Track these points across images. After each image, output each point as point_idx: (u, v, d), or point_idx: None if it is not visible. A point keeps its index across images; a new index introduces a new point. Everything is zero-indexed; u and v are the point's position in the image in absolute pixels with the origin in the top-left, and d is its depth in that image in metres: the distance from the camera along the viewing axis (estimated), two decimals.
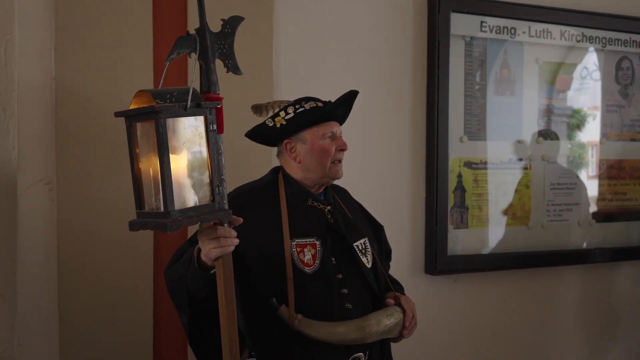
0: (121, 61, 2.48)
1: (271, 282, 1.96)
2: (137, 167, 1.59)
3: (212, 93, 1.66)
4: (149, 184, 1.57)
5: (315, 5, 2.84)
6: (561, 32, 3.31)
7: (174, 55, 1.62)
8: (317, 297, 1.98)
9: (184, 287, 1.85)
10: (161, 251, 2.57)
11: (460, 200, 3.13)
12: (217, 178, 1.63)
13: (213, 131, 1.61)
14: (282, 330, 1.94)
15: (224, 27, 1.73)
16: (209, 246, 1.69)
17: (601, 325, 3.53)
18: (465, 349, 3.20)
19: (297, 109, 2.07)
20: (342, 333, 1.95)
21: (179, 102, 1.54)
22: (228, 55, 1.71)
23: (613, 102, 3.51)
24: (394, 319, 2.05)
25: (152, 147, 1.55)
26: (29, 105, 2.40)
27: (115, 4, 2.48)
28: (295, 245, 1.99)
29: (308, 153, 2.07)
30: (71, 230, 2.44)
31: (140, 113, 1.56)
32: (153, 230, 1.55)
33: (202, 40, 1.66)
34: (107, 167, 2.47)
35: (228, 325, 1.71)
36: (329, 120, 2.09)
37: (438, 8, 2.99)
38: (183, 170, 1.58)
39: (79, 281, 2.45)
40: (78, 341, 2.45)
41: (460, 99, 3.11)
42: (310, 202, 2.09)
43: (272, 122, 2.09)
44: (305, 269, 1.98)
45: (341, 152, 2.09)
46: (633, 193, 3.56)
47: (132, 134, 1.60)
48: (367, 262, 2.11)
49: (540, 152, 3.31)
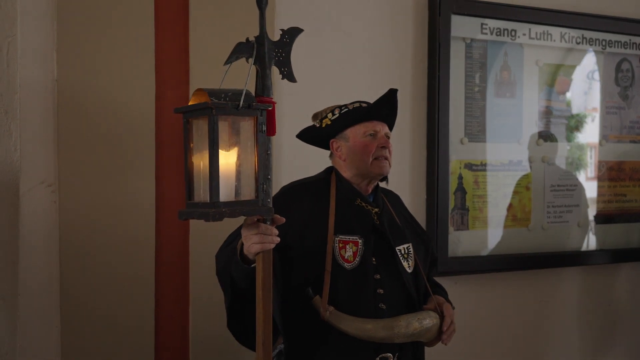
0: (123, 63, 2.49)
1: (310, 273, 2.03)
2: (190, 160, 1.71)
3: (265, 96, 1.75)
4: (199, 176, 1.69)
5: (316, 8, 2.85)
6: (561, 34, 3.32)
7: (232, 59, 1.72)
8: (352, 293, 2.04)
9: (228, 273, 1.93)
10: (162, 253, 2.58)
11: (461, 202, 3.14)
12: (263, 177, 1.72)
13: (262, 132, 1.71)
14: (314, 321, 1.99)
15: (282, 36, 1.82)
16: (250, 241, 1.76)
17: (601, 326, 3.54)
18: (465, 351, 3.20)
19: (342, 110, 2.17)
20: (369, 330, 1.99)
21: (232, 101, 1.65)
22: (284, 63, 1.82)
23: (613, 104, 3.52)
24: (425, 323, 2.06)
25: (204, 142, 1.65)
26: (31, 107, 2.40)
27: (117, 6, 2.48)
28: (338, 241, 2.06)
29: (350, 150, 2.14)
30: (73, 232, 2.44)
31: (196, 109, 1.66)
32: (197, 219, 1.65)
33: (260, 47, 1.75)
34: (109, 169, 2.48)
35: (263, 319, 1.78)
36: (370, 119, 2.13)
37: (439, 10, 3.00)
38: (232, 166, 1.68)
39: (80, 283, 2.45)
40: (80, 343, 2.45)
41: (461, 101, 3.12)
42: (359, 202, 2.14)
43: (319, 124, 2.19)
44: (344, 265, 2.05)
45: (384, 149, 2.12)
46: (633, 195, 3.58)
47: (188, 129, 1.71)
48: (408, 267, 2.15)
49: (540, 153, 3.32)
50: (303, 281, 2.01)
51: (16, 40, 2.37)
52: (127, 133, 2.49)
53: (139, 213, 2.51)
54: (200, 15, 2.59)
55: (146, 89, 2.52)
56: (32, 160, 2.41)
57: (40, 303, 2.43)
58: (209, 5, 2.60)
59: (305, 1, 2.83)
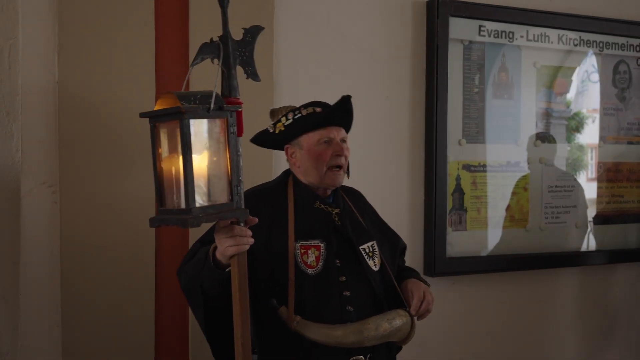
0: (124, 65, 2.50)
1: (274, 283, 1.98)
2: (159, 166, 1.67)
3: (232, 97, 1.72)
4: (171, 182, 1.65)
5: (315, 10, 2.86)
6: (559, 36, 3.34)
7: (198, 61, 1.69)
8: (318, 299, 2.00)
9: (198, 285, 1.89)
10: (163, 253, 2.59)
11: (459, 203, 3.16)
12: (236, 178, 1.70)
13: (233, 133, 1.68)
14: (282, 331, 1.96)
15: (245, 35, 1.79)
16: (225, 244, 1.73)
17: (598, 326, 3.55)
18: (463, 351, 3.22)
19: (295, 114, 2.09)
20: (339, 336, 1.95)
21: (202, 104, 1.61)
22: (248, 63, 1.78)
23: (610, 106, 3.53)
24: (395, 323, 2.02)
25: (174, 147, 1.62)
26: (33, 109, 2.42)
27: (118, 9, 2.50)
28: (300, 247, 2.02)
29: (305, 158, 2.08)
30: (74, 233, 2.46)
31: (165, 114, 1.62)
32: (173, 225, 1.62)
33: (225, 47, 1.72)
34: (110, 170, 2.49)
35: (241, 322, 1.76)
36: (325, 126, 2.07)
37: (437, 12, 3.01)
38: (204, 170, 1.65)
39: (81, 283, 2.47)
40: (81, 342, 2.47)
41: (459, 102, 3.13)
42: (318, 205, 2.10)
43: (273, 128, 2.12)
44: (307, 271, 2.01)
45: (339, 158, 2.07)
46: (630, 196, 3.59)
47: (155, 134, 1.67)
48: (374, 266, 2.11)
49: (538, 154, 3.34)
50: (268, 291, 1.97)
51: (18, 42, 2.39)
52: (127, 134, 2.50)
53: (140, 213, 2.52)
54: (201, 17, 2.61)
55: (147, 90, 2.54)
56: (33, 161, 2.43)
57: (42, 302, 2.45)
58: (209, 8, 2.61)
59: (303, 4, 2.84)
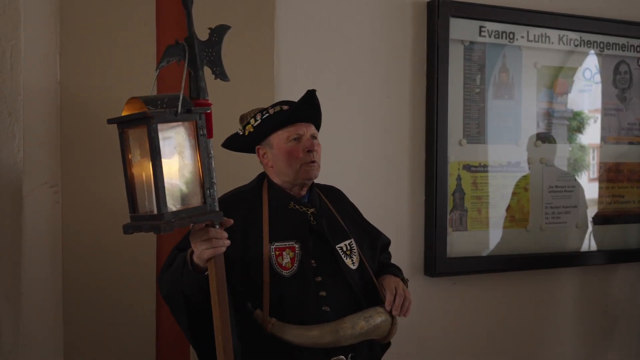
0: (125, 66, 2.51)
1: (249, 286, 1.97)
2: (130, 172, 1.64)
3: (201, 99, 1.71)
4: (142, 188, 1.62)
5: (316, 10, 2.87)
6: (559, 36, 3.34)
7: (163, 63, 1.67)
8: (294, 301, 1.98)
9: (179, 291, 1.87)
10: (164, 253, 2.59)
11: (460, 203, 3.16)
12: (208, 181, 1.68)
13: (203, 135, 1.67)
14: (259, 335, 1.95)
15: (211, 35, 1.77)
16: (201, 247, 1.72)
17: (598, 326, 3.55)
18: (464, 351, 3.22)
19: (263, 115, 2.08)
20: (315, 336, 1.93)
21: (169, 108, 1.59)
22: (215, 63, 1.76)
23: (611, 106, 3.53)
24: (372, 321, 2.00)
25: (144, 152, 1.59)
26: (34, 109, 2.43)
27: (119, 10, 2.50)
28: (274, 249, 2.00)
29: (276, 157, 2.07)
30: (75, 233, 2.46)
31: (133, 119, 1.59)
32: (147, 232, 1.59)
33: (191, 49, 1.70)
34: (111, 170, 2.49)
35: (221, 324, 1.75)
36: (293, 122, 2.05)
37: (437, 13, 3.02)
38: (175, 174, 1.63)
39: (83, 283, 2.47)
40: (82, 342, 2.48)
41: (460, 103, 3.14)
42: (292, 205, 2.09)
43: (243, 131, 2.11)
44: (283, 272, 1.99)
45: (310, 154, 2.04)
46: (630, 196, 3.59)
47: (124, 140, 1.64)
48: (352, 264, 2.09)
49: (539, 155, 3.34)
50: (243, 294, 1.95)
51: (20, 43, 2.40)
52: None
53: None
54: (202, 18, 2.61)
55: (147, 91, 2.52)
56: (35, 162, 2.43)
57: (43, 302, 2.45)
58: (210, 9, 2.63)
59: (304, 4, 2.84)
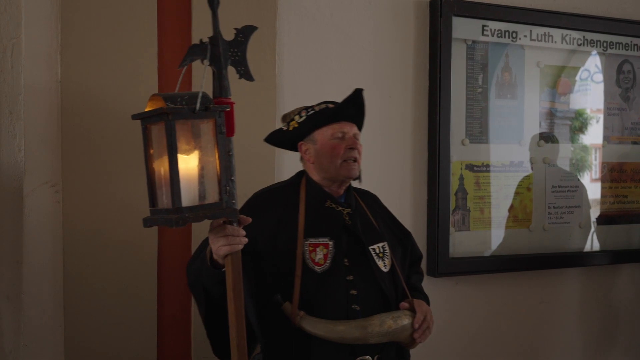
0: (126, 64, 2.51)
1: (281, 279, 2.01)
2: (151, 167, 1.69)
3: (222, 97, 1.73)
4: (161, 183, 1.67)
5: (318, 10, 2.86)
6: (562, 35, 3.33)
7: (186, 62, 1.70)
8: (323, 296, 2.01)
9: (200, 283, 1.92)
10: (165, 252, 2.60)
11: (462, 203, 3.15)
12: (225, 178, 1.70)
13: (222, 133, 1.69)
14: (287, 327, 1.98)
15: (237, 35, 1.79)
16: (217, 244, 1.75)
17: (602, 327, 3.55)
18: (466, 351, 3.21)
19: (308, 111, 2.13)
20: (342, 331, 1.96)
21: (189, 105, 1.62)
22: (240, 62, 1.78)
23: (614, 106, 3.52)
24: (400, 321, 2.02)
25: (162, 148, 1.63)
26: (35, 108, 2.43)
27: (121, 8, 2.50)
28: (308, 244, 2.04)
29: (318, 153, 2.11)
30: (76, 232, 2.46)
31: (153, 115, 1.64)
32: (161, 225, 1.62)
33: (215, 48, 1.72)
34: (112, 170, 2.50)
35: (236, 321, 1.77)
36: (338, 120, 2.10)
37: (440, 12, 3.01)
38: (193, 170, 1.66)
39: (84, 282, 2.47)
40: (83, 342, 2.47)
41: (462, 102, 3.13)
42: (329, 204, 2.12)
43: (287, 127, 2.15)
44: (315, 268, 2.02)
45: (352, 151, 2.09)
46: (634, 196, 3.58)
47: (147, 135, 1.69)
48: (384, 266, 2.12)
49: (542, 154, 3.33)
50: (275, 287, 1.99)
51: (21, 42, 2.40)
52: (130, 134, 2.50)
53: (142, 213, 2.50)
54: (203, 18, 2.60)
55: (149, 90, 2.52)
56: (36, 161, 2.43)
57: (44, 302, 2.45)
58: None
59: (306, 3, 2.84)
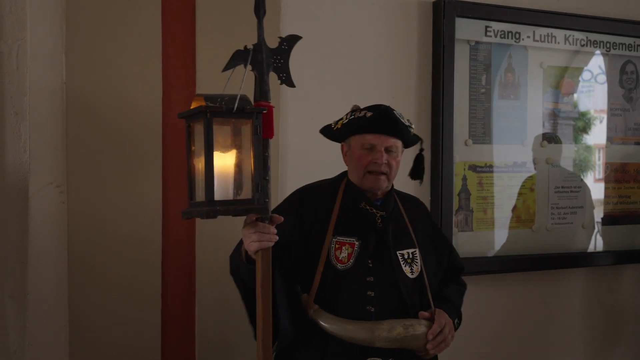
0: (131, 66, 2.51)
1: (305, 272, 2.06)
2: (191, 163, 1.82)
3: (262, 101, 1.82)
4: (198, 177, 1.79)
5: (321, 11, 2.87)
6: (565, 36, 3.33)
7: (230, 66, 1.78)
8: (340, 294, 2.04)
9: (239, 274, 1.98)
10: (169, 252, 2.60)
11: (465, 204, 3.15)
12: (259, 177, 1.79)
13: (258, 134, 1.78)
14: (302, 317, 2.03)
15: (280, 43, 1.89)
16: (249, 239, 1.82)
17: (605, 327, 3.54)
18: (469, 352, 3.21)
19: (353, 115, 2.14)
20: (350, 330, 1.98)
21: (227, 105, 1.72)
22: (282, 69, 1.89)
23: (617, 106, 3.52)
24: (412, 330, 2.01)
25: (201, 145, 1.75)
26: (40, 109, 2.43)
27: (125, 11, 2.51)
28: (335, 242, 2.08)
29: (350, 159, 2.16)
30: (81, 233, 2.47)
31: (194, 113, 1.76)
32: (195, 217, 1.77)
33: (258, 54, 1.82)
34: (117, 170, 2.50)
35: (262, 317, 1.84)
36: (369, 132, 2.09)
37: (443, 13, 3.01)
38: (229, 167, 1.78)
39: (88, 282, 2.48)
40: (88, 341, 2.48)
41: (465, 103, 3.13)
42: (364, 205, 2.14)
43: (335, 125, 2.20)
44: (337, 265, 2.06)
45: (375, 165, 2.07)
46: (637, 196, 3.57)
47: (190, 133, 1.82)
48: (411, 273, 2.11)
49: (545, 155, 3.33)
50: (298, 278, 2.06)
51: (26, 43, 2.40)
52: (134, 135, 2.52)
53: (146, 214, 2.54)
54: (207, 20, 2.61)
55: (153, 91, 2.55)
56: (41, 162, 2.44)
57: (49, 302, 2.46)
58: (215, 10, 2.63)
59: (310, 5, 2.84)
